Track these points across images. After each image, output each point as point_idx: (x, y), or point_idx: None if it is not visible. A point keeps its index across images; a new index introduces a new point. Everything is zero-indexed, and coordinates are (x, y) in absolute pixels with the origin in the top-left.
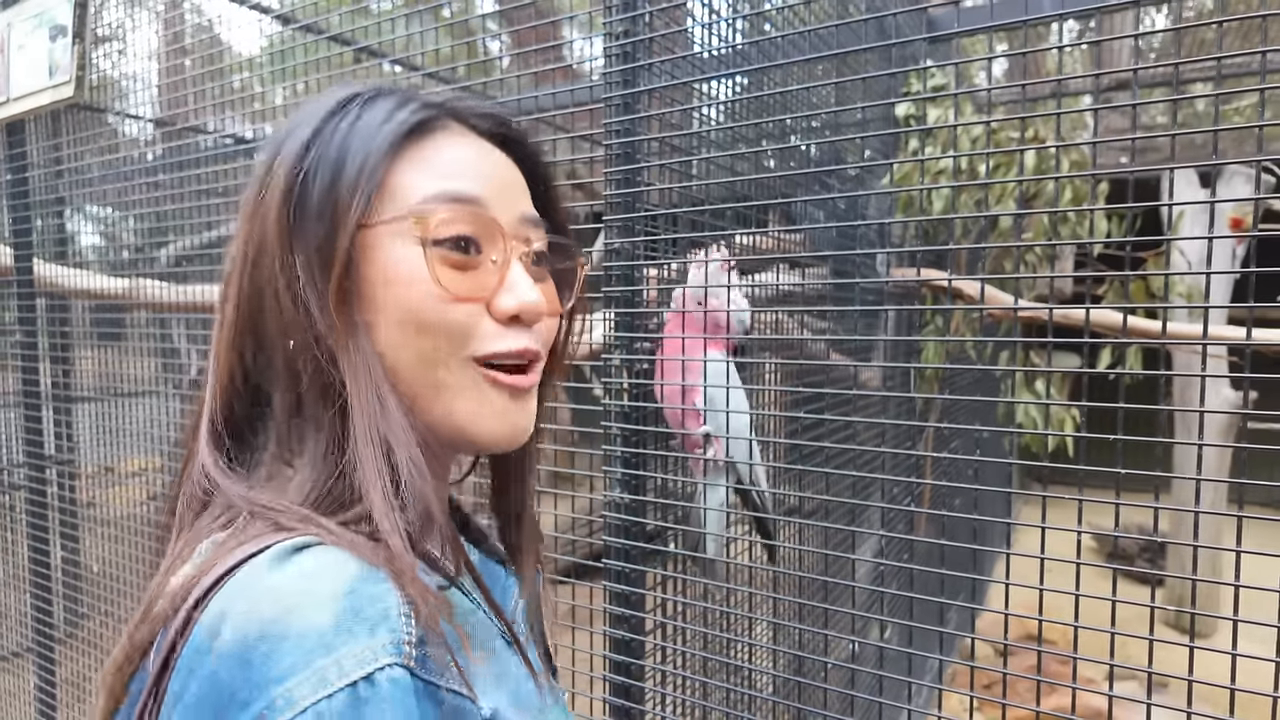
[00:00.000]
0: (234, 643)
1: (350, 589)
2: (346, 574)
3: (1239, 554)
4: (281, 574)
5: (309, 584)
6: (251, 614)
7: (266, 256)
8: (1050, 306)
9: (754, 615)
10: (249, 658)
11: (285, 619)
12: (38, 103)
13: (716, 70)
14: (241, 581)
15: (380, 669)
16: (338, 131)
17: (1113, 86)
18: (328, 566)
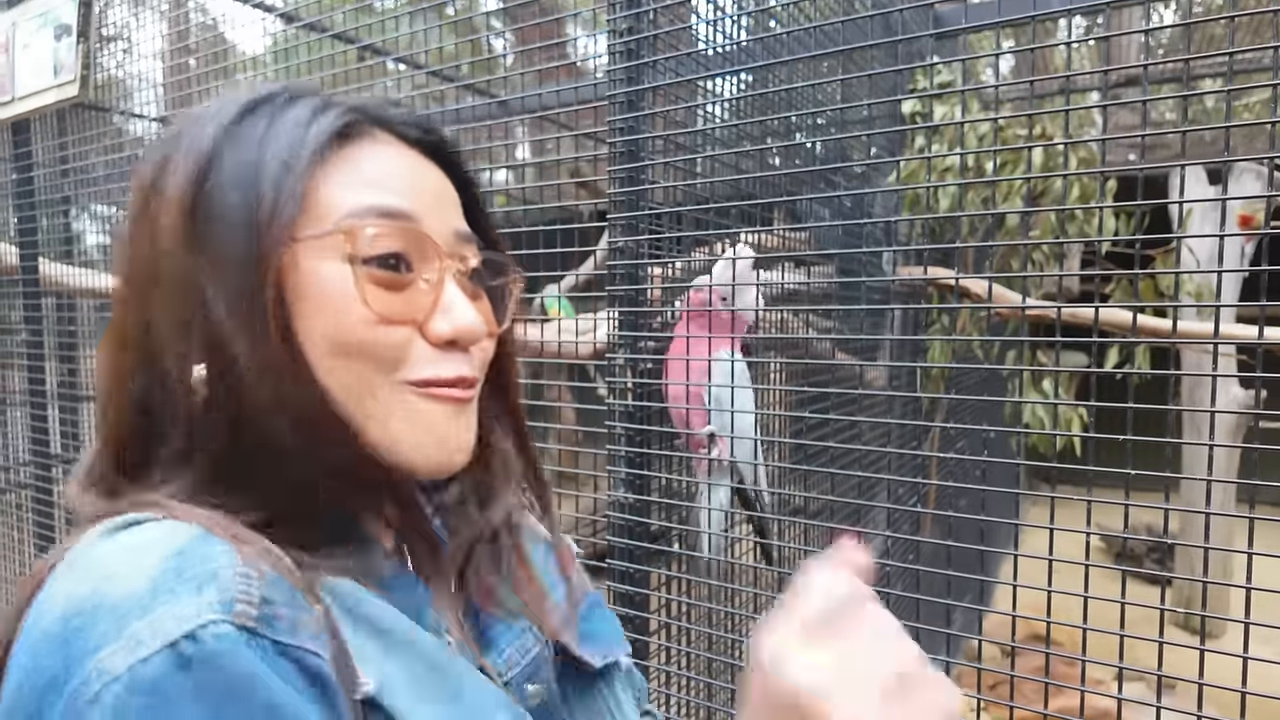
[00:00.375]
0: (51, 622)
1: (177, 551)
2: (175, 540)
3: (1251, 555)
4: (106, 545)
5: (131, 553)
6: (69, 591)
7: (163, 280)
8: (1059, 305)
9: (758, 615)
10: (65, 635)
11: (101, 589)
12: (43, 102)
13: (721, 67)
14: (66, 562)
15: (203, 625)
16: (249, 137)
17: (1121, 83)
18: (156, 536)
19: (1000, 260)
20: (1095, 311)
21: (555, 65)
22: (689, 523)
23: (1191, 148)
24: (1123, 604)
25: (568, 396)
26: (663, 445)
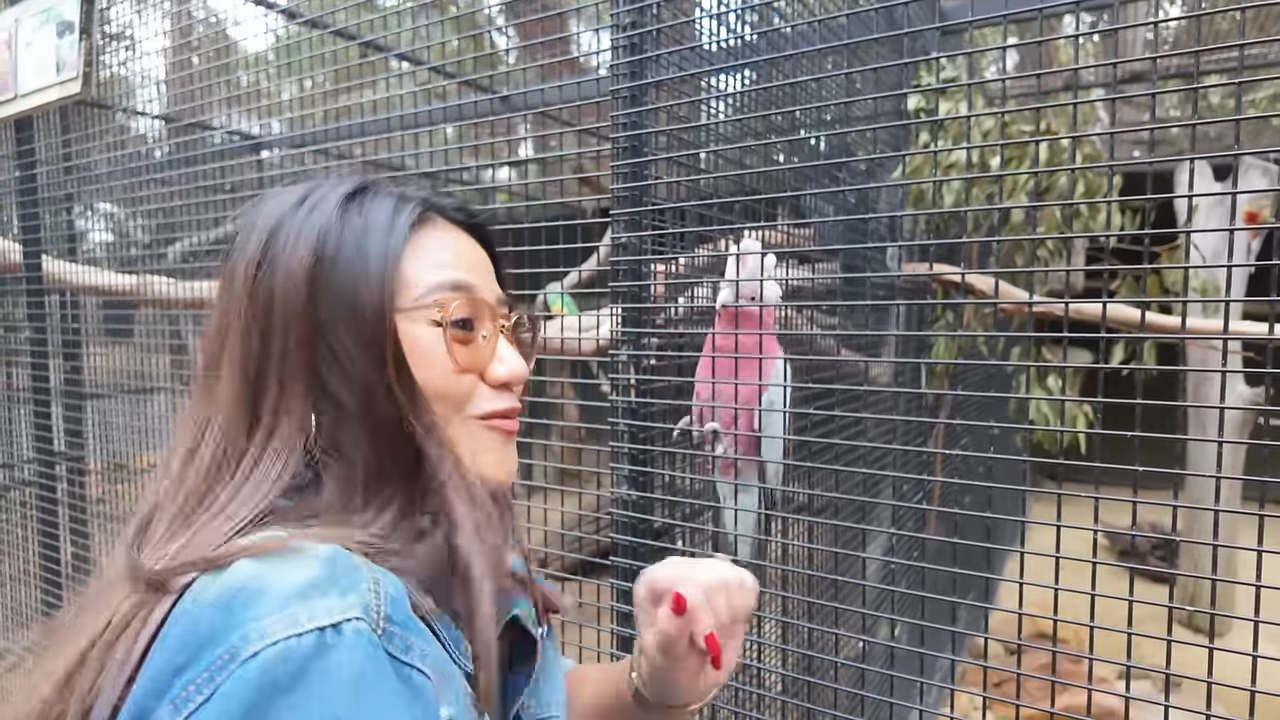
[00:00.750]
0: (217, 593)
1: (330, 558)
2: (322, 551)
3: (1260, 554)
4: (263, 558)
5: (291, 553)
6: (235, 571)
7: (287, 339)
8: (1066, 301)
9: (762, 614)
10: (230, 605)
11: (266, 575)
12: (45, 99)
13: (725, 62)
14: (233, 568)
15: (348, 620)
16: (352, 227)
17: (1125, 79)
18: (311, 545)
19: (1005, 256)
20: (1104, 308)
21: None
22: (717, 525)
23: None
24: (1130, 602)
25: (570, 393)
26: (666, 442)
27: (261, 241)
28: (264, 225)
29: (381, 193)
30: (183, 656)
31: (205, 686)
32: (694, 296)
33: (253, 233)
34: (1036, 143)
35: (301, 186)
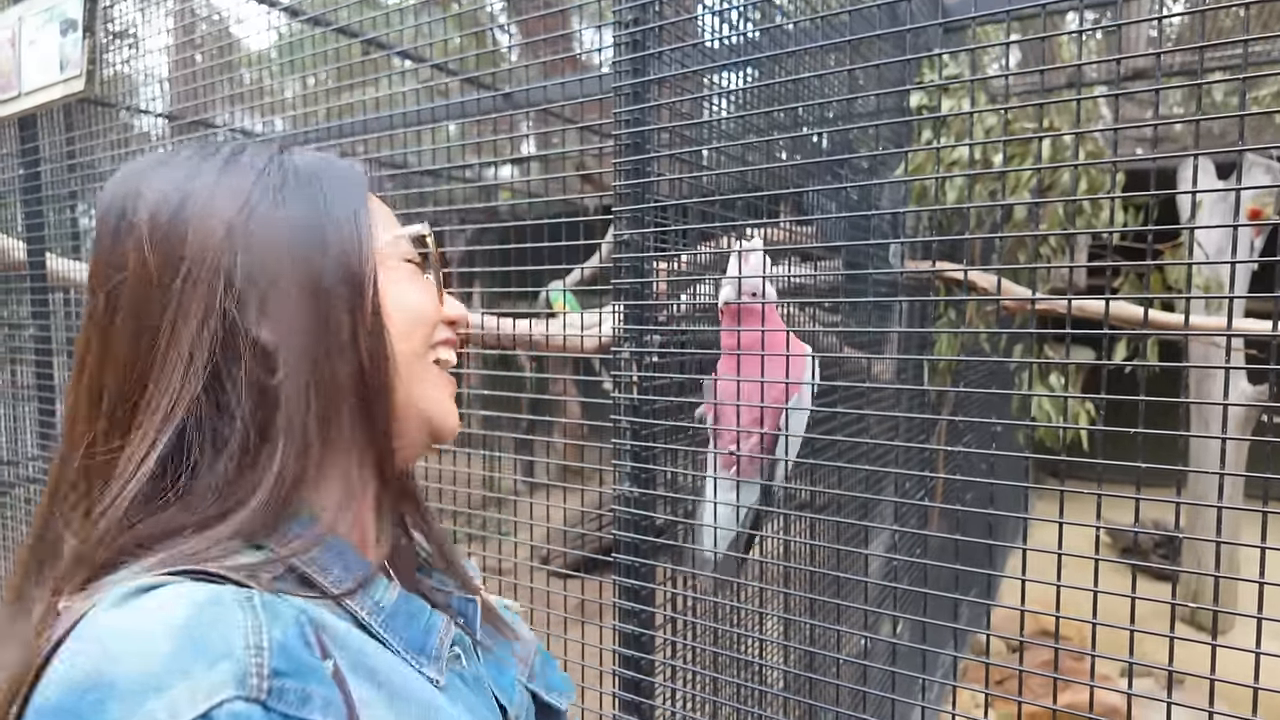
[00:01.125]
0: (61, 696)
1: (190, 621)
2: (187, 605)
3: (1264, 550)
4: (117, 615)
5: (142, 621)
6: (78, 664)
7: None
8: (1069, 298)
9: (765, 610)
10: (78, 709)
11: (115, 664)
12: (49, 97)
13: (727, 59)
14: (76, 634)
15: (217, 705)
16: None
17: (1129, 76)
18: (168, 600)
19: (1008, 254)
20: (1106, 305)
21: (560, 56)
22: (694, 518)
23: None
24: (1133, 599)
25: (573, 391)
26: (668, 439)
27: (170, 212)
28: (163, 197)
29: (301, 152)
30: None
31: None
32: (696, 294)
33: (147, 206)
34: (1039, 139)
35: (182, 162)
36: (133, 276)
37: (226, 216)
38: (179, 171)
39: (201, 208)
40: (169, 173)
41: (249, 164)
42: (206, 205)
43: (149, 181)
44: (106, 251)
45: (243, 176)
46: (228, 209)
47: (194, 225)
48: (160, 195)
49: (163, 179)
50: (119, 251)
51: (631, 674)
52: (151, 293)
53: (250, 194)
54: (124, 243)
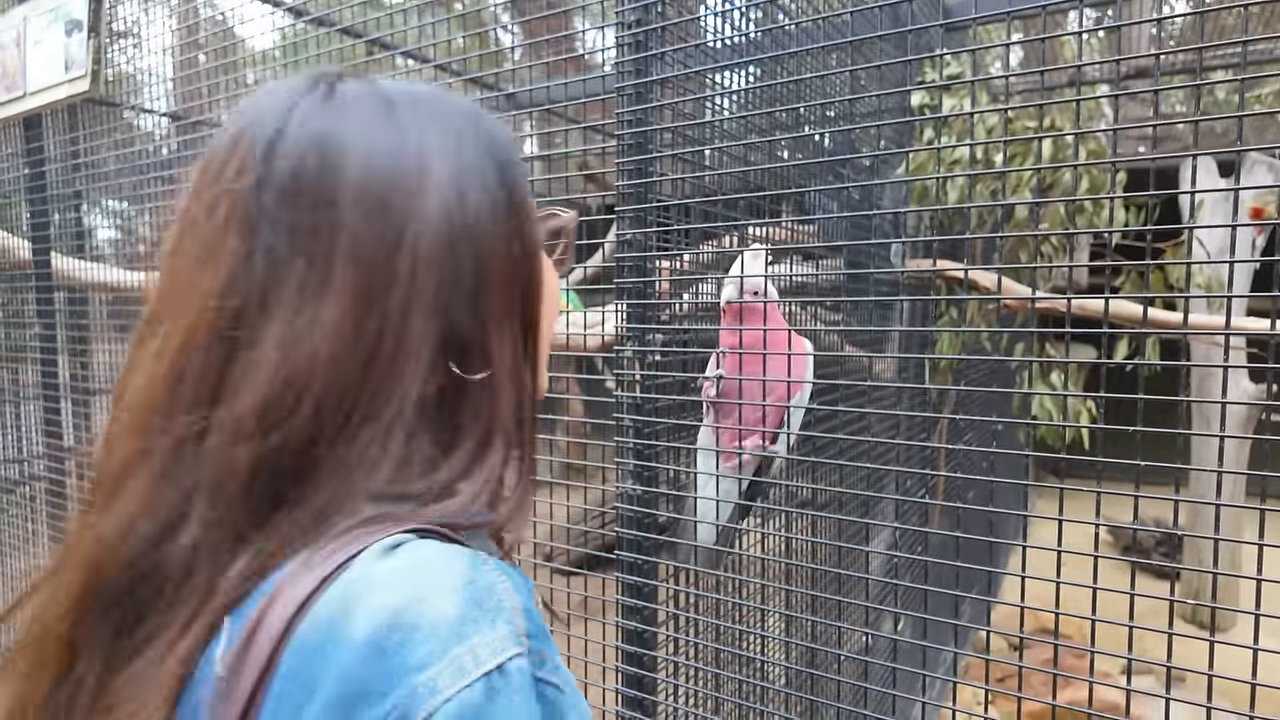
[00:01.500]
0: (368, 632)
1: (469, 578)
2: (461, 562)
3: (1262, 547)
4: (396, 563)
5: (430, 574)
6: (379, 605)
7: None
8: (1069, 297)
9: (766, 607)
10: (383, 647)
11: (414, 608)
12: (54, 97)
13: (729, 59)
14: (356, 576)
15: (510, 659)
16: (479, 150)
17: (1130, 75)
18: (442, 555)
19: (1009, 253)
20: (1105, 304)
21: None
22: (686, 511)
23: (1204, 140)
24: (1131, 595)
25: (575, 389)
26: (671, 438)
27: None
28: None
29: (495, 125)
30: (339, 713)
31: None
32: (698, 293)
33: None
34: (1039, 139)
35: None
36: (350, 244)
37: (444, 195)
38: (377, 126)
39: (417, 178)
40: (366, 124)
41: (452, 128)
42: (421, 176)
43: (349, 132)
44: (308, 203)
45: (450, 143)
46: (444, 183)
47: (413, 199)
48: (367, 152)
49: (364, 132)
50: (325, 211)
51: (634, 670)
52: (375, 267)
53: (460, 168)
54: (333, 198)
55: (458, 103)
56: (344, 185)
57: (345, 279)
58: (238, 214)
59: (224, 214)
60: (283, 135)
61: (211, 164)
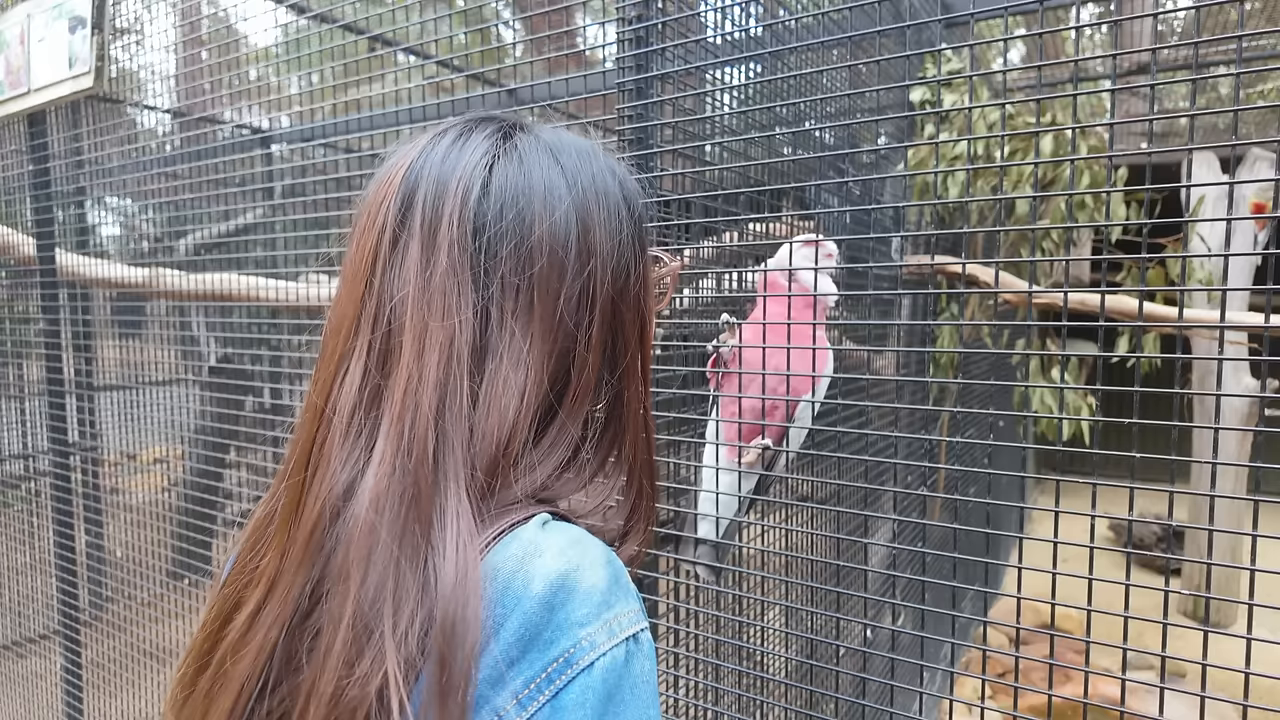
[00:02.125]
0: (543, 589)
1: (609, 558)
2: (600, 544)
3: (1255, 539)
4: (556, 537)
5: (584, 549)
6: (550, 567)
7: (604, 330)
8: (1065, 291)
9: (766, 599)
10: (552, 602)
11: (575, 574)
12: (58, 94)
13: (730, 55)
14: (526, 540)
15: (643, 629)
16: (622, 206)
17: (1132, 70)
18: (584, 535)
19: (1010, 248)
20: (1102, 298)
21: (564, 53)
22: (693, 506)
23: (1203, 135)
24: (1127, 588)
25: None
26: (671, 432)
27: (563, 230)
28: (553, 210)
29: (630, 184)
30: (516, 650)
31: (544, 686)
32: (699, 288)
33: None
34: (1038, 134)
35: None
36: (549, 268)
37: (605, 250)
38: (554, 183)
39: (582, 237)
40: (546, 181)
41: (601, 187)
42: (586, 234)
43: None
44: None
45: (601, 203)
46: (606, 243)
47: (585, 253)
48: (550, 209)
49: (545, 189)
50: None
51: None
52: (566, 287)
53: (610, 223)
54: (530, 254)
55: (598, 154)
56: (539, 242)
57: (543, 325)
58: (467, 265)
59: (448, 263)
60: (488, 190)
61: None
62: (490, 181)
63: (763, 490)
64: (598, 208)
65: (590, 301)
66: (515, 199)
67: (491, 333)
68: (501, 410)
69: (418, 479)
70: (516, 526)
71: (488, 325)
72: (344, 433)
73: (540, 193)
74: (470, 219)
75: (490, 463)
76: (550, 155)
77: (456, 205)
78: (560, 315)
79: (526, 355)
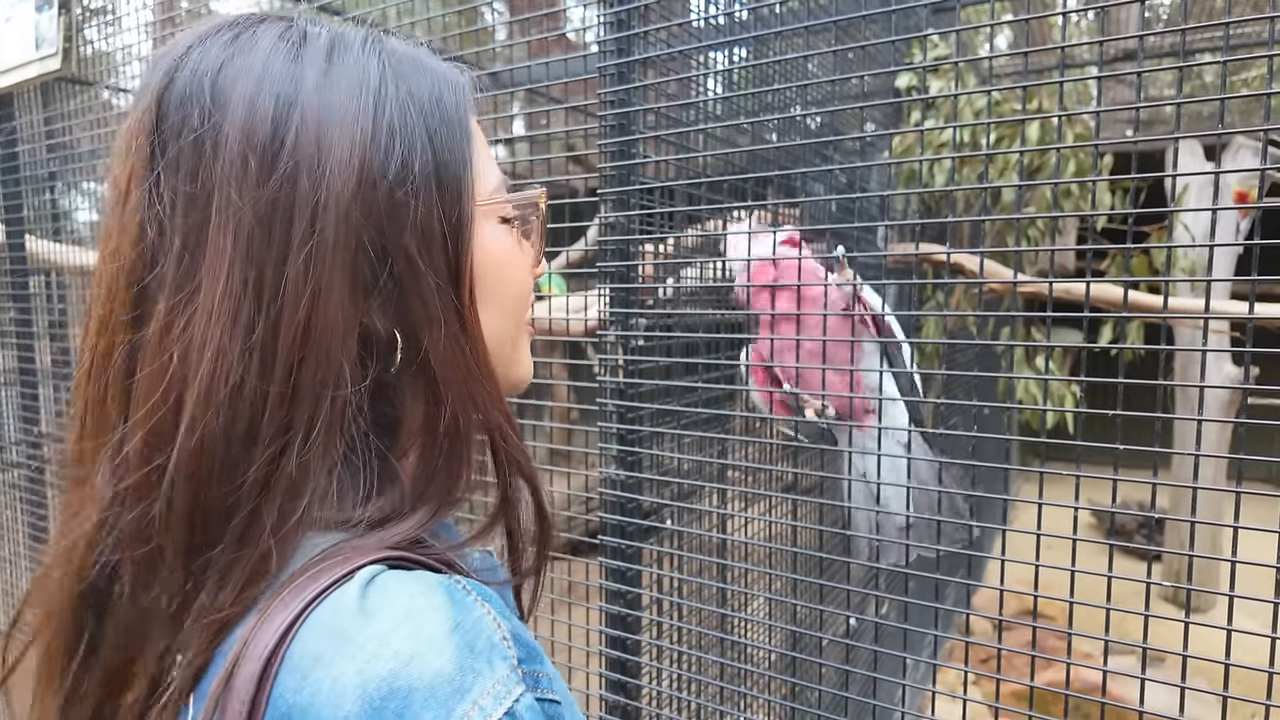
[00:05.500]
0: (360, 707)
1: (454, 621)
2: (439, 598)
3: (1236, 530)
4: (377, 617)
5: (413, 625)
6: (368, 672)
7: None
8: (1050, 280)
9: (750, 591)
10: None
11: (407, 670)
12: (24, 76)
13: (714, 39)
14: (332, 631)
15: (516, 700)
16: (406, 105)
17: (1120, 57)
18: (419, 592)
19: (996, 236)
20: (1087, 287)
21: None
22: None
23: (1190, 123)
24: (1109, 578)
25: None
26: (655, 423)
27: (269, 119)
28: (258, 95)
29: (420, 57)
30: None
31: None
32: (680, 277)
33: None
34: (1023, 122)
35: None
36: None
37: (354, 156)
38: (277, 68)
39: (316, 133)
40: (264, 66)
41: (377, 77)
42: (322, 131)
43: (239, 75)
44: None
45: (353, 94)
46: (352, 142)
47: (310, 157)
48: (253, 98)
49: (258, 74)
50: (204, 170)
51: (618, 654)
52: (258, 237)
53: (366, 125)
54: (213, 153)
55: (400, 51)
56: (224, 137)
57: (221, 251)
58: (136, 177)
59: (126, 179)
60: (176, 78)
61: (127, 125)
62: (179, 72)
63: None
64: (349, 111)
65: (315, 237)
66: (205, 90)
67: (153, 290)
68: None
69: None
70: (326, 594)
71: (153, 281)
72: None
73: (245, 83)
74: (153, 108)
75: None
76: (294, 41)
77: (139, 110)
78: (254, 253)
79: (190, 315)
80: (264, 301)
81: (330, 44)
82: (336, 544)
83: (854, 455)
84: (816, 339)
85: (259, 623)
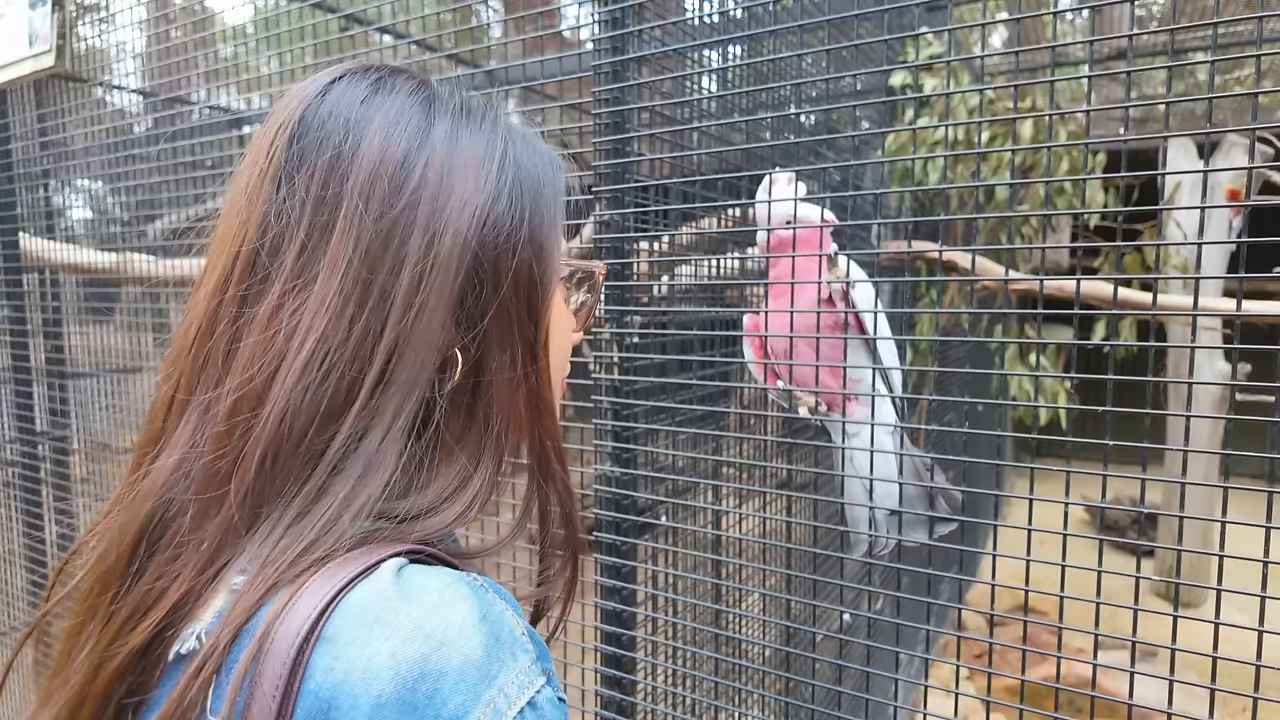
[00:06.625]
0: (393, 687)
1: (482, 611)
2: (467, 598)
3: (1224, 524)
4: (410, 604)
5: (444, 613)
6: (401, 654)
7: (447, 276)
8: (1041, 279)
9: (744, 587)
10: (413, 701)
11: (439, 654)
12: (18, 73)
13: (708, 37)
14: (366, 614)
15: (538, 691)
16: (520, 176)
17: (1112, 55)
18: (448, 585)
19: (989, 234)
20: (1077, 285)
21: (541, 34)
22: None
23: (1183, 122)
24: (1099, 573)
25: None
26: (650, 420)
27: (401, 153)
28: (392, 131)
29: (539, 142)
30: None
31: None
32: (675, 275)
33: (375, 135)
34: (1015, 120)
35: (402, 98)
36: (352, 220)
37: (467, 204)
38: (411, 118)
39: (437, 177)
40: (399, 113)
41: (484, 140)
42: (444, 175)
43: (378, 116)
44: (324, 170)
45: (481, 156)
46: (468, 191)
47: (430, 197)
48: (388, 137)
49: (393, 119)
50: (335, 184)
51: (613, 650)
52: (375, 249)
53: (487, 182)
54: (346, 171)
55: (517, 129)
56: (359, 157)
57: (341, 253)
58: (270, 176)
59: (259, 175)
60: (322, 101)
61: (264, 130)
62: (328, 96)
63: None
64: (468, 165)
65: (426, 259)
66: (347, 118)
67: (271, 269)
68: (289, 356)
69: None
70: (359, 579)
71: (271, 261)
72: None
73: (381, 124)
74: (296, 121)
75: (269, 452)
76: (426, 99)
77: (282, 115)
78: (370, 260)
79: (302, 300)
80: (369, 303)
81: (458, 108)
82: (371, 531)
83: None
84: (808, 336)
85: (291, 600)
